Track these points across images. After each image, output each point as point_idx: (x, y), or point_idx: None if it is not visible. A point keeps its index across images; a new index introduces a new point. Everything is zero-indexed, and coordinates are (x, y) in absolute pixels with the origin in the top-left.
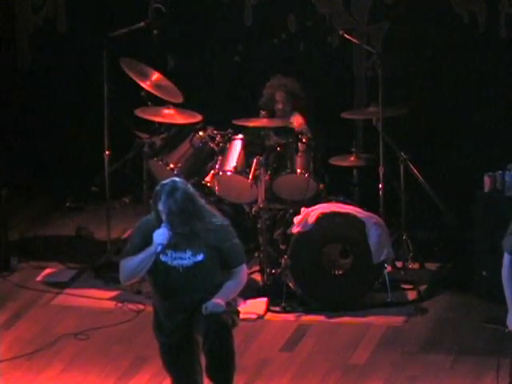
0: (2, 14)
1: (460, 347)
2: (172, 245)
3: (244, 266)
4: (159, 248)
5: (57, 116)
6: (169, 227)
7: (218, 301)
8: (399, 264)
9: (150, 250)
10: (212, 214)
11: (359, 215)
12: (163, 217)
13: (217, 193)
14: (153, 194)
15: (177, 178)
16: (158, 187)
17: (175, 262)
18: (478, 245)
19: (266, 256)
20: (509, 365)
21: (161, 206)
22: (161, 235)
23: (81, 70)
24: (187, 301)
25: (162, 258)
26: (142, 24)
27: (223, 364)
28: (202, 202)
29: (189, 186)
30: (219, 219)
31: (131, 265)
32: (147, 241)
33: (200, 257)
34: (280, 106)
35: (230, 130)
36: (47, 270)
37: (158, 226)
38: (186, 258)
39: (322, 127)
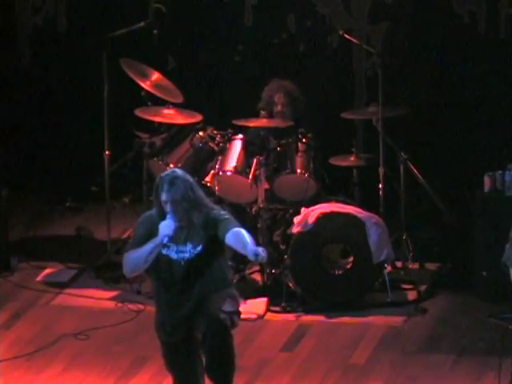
0: (2, 14)
1: (460, 347)
2: (173, 238)
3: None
4: (166, 239)
5: (57, 116)
6: (174, 218)
7: (258, 249)
8: (399, 264)
9: (156, 240)
10: (211, 206)
11: (359, 215)
12: (166, 207)
13: (217, 193)
14: (154, 187)
15: (176, 169)
16: (158, 179)
17: (177, 256)
18: (478, 245)
19: None
20: (511, 364)
21: (163, 196)
22: (167, 226)
23: (81, 70)
24: (190, 293)
25: (164, 251)
26: (142, 24)
27: (223, 364)
28: (202, 193)
29: (188, 175)
30: (218, 211)
31: (136, 257)
32: (151, 234)
33: (200, 248)
34: (279, 107)
35: (230, 130)
36: (47, 270)
37: (161, 220)
38: (187, 251)
39: (321, 128)
